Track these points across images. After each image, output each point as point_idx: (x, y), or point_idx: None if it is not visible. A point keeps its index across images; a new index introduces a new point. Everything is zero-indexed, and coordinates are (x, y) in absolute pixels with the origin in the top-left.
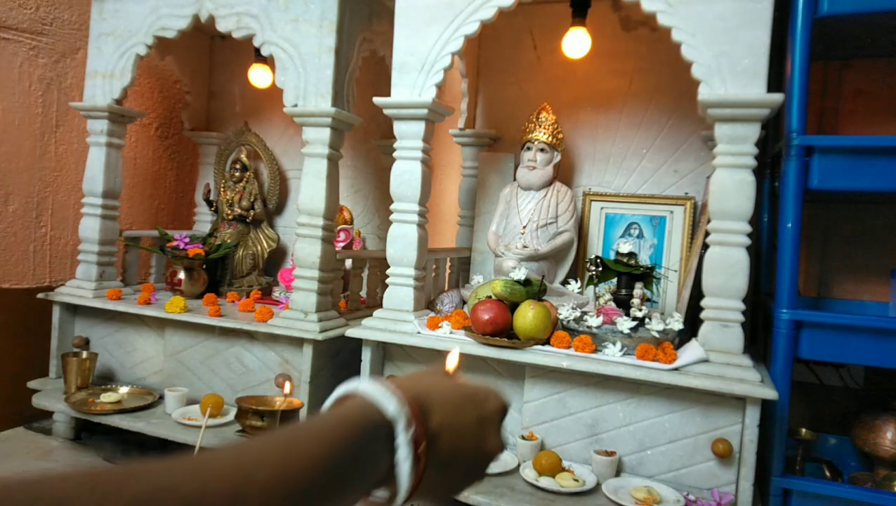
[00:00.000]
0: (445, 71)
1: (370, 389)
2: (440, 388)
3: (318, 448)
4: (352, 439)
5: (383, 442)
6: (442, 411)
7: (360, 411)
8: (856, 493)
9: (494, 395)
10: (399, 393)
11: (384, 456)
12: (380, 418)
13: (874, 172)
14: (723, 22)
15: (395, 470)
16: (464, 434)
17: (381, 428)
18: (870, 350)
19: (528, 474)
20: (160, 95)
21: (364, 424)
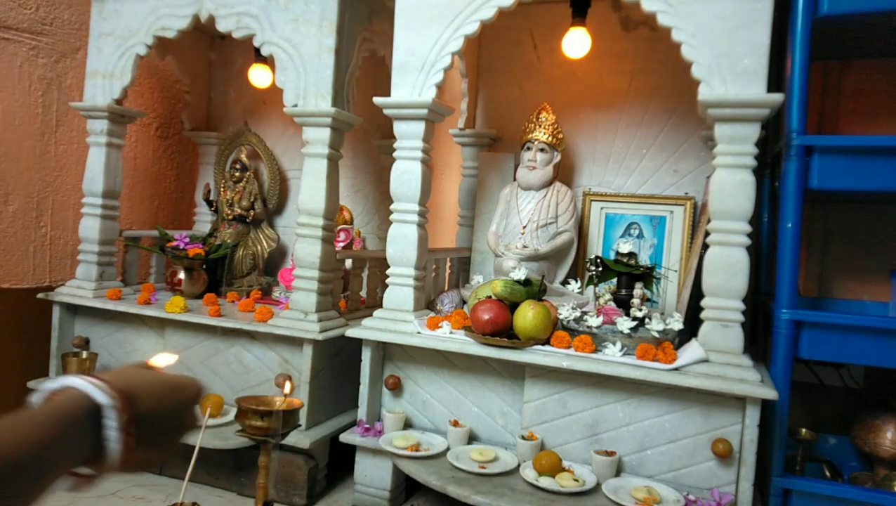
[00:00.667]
0: (445, 71)
1: (81, 383)
2: (145, 379)
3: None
4: (67, 423)
5: (93, 427)
6: (147, 399)
7: (73, 401)
8: (856, 493)
9: (192, 383)
10: (107, 386)
11: (94, 438)
12: (90, 406)
13: (874, 172)
14: (723, 22)
15: (103, 449)
16: (165, 417)
17: (91, 415)
18: (870, 350)
19: (529, 474)
20: (160, 95)
21: (77, 411)
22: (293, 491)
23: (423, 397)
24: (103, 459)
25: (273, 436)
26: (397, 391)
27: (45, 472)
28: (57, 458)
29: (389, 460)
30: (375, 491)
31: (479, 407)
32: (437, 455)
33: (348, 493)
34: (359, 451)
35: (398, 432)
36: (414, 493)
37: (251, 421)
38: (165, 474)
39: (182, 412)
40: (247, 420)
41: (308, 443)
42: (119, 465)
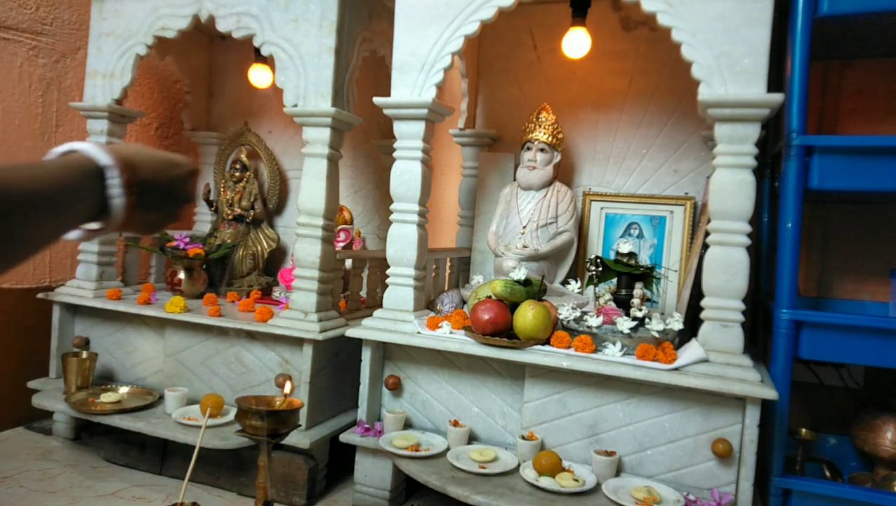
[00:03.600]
0: (445, 71)
1: (87, 147)
2: (145, 153)
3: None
4: (75, 175)
5: (98, 184)
6: (147, 170)
7: (80, 160)
8: (856, 493)
9: (187, 162)
10: (110, 151)
11: (98, 195)
12: (96, 166)
13: (874, 172)
14: (723, 22)
15: (108, 207)
16: (163, 186)
17: (97, 173)
18: (870, 350)
19: (528, 474)
20: (160, 95)
21: (84, 168)
22: (293, 491)
23: (423, 396)
24: (108, 215)
25: (273, 436)
26: (397, 391)
27: (58, 212)
28: (69, 202)
29: (389, 460)
30: (375, 491)
31: (479, 407)
32: (437, 455)
33: (348, 493)
34: (359, 451)
35: (398, 431)
36: (414, 493)
37: (251, 421)
38: (165, 475)
39: (178, 183)
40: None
41: (308, 443)
42: (122, 221)
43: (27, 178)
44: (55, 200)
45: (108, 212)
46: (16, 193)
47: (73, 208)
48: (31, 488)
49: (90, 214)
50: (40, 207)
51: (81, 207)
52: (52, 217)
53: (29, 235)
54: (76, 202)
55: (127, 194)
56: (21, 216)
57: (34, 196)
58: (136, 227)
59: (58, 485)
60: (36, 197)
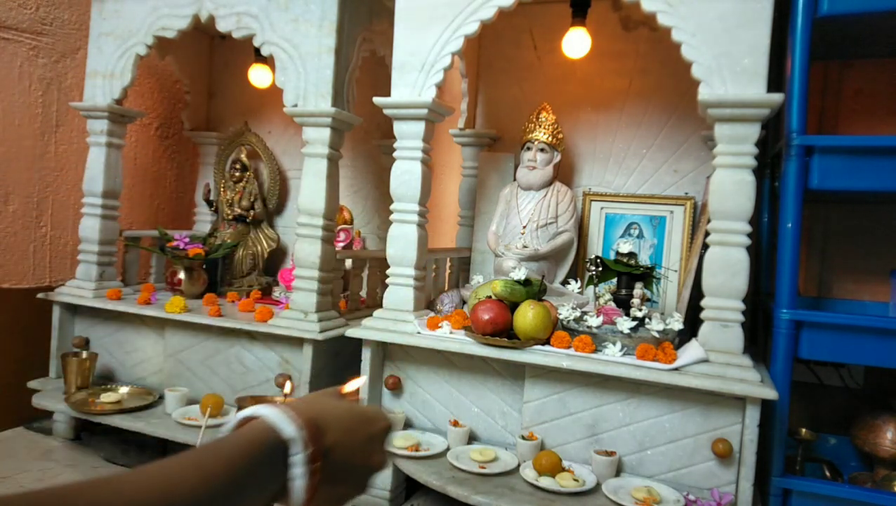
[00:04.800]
0: (445, 71)
1: (270, 413)
2: (334, 409)
3: (226, 468)
4: (253, 459)
5: (281, 461)
6: (335, 431)
7: (260, 434)
8: (856, 493)
9: (382, 416)
10: (296, 417)
11: (281, 474)
12: (278, 440)
13: (874, 172)
14: (723, 22)
15: (290, 485)
16: (354, 451)
17: (279, 449)
18: (870, 350)
19: (528, 474)
20: (160, 95)
21: (263, 446)
22: None
23: (423, 396)
24: (287, 497)
25: None
26: (397, 391)
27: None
28: (244, 496)
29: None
30: (375, 491)
31: (479, 407)
32: (437, 455)
33: None
34: None
35: (398, 431)
36: (414, 493)
37: None
38: None
39: (372, 446)
40: None
41: None
42: (304, 503)
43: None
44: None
45: (287, 493)
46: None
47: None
48: (31, 488)
49: (267, 498)
50: None
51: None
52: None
53: None
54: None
55: (311, 474)
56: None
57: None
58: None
59: None
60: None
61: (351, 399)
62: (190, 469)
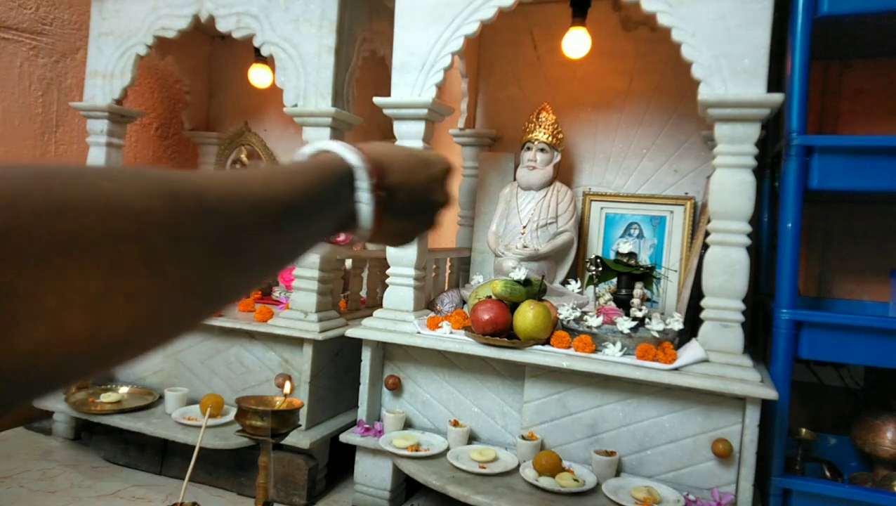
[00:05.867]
0: (445, 71)
1: (338, 147)
2: (396, 152)
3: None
4: (327, 178)
5: (349, 188)
6: (398, 170)
7: (332, 161)
8: (856, 493)
9: (442, 159)
10: (361, 152)
11: (349, 200)
12: (347, 168)
13: (874, 171)
14: (723, 22)
15: (357, 215)
16: (416, 189)
17: (347, 176)
18: (870, 350)
19: (528, 474)
20: (160, 95)
21: (335, 170)
22: (293, 491)
23: (423, 396)
24: (356, 224)
25: (273, 436)
26: (397, 391)
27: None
28: (315, 211)
29: (389, 460)
30: (375, 491)
31: (479, 407)
32: (437, 455)
33: (348, 493)
34: (359, 451)
35: (398, 431)
36: (414, 493)
37: (251, 421)
38: (165, 474)
39: (431, 186)
40: (247, 420)
41: (308, 443)
42: (370, 231)
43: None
44: (298, 209)
45: (355, 221)
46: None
47: (319, 218)
48: (31, 488)
49: (338, 223)
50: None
51: (329, 215)
52: (294, 230)
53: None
54: (324, 211)
55: (377, 200)
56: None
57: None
58: (388, 237)
59: (58, 485)
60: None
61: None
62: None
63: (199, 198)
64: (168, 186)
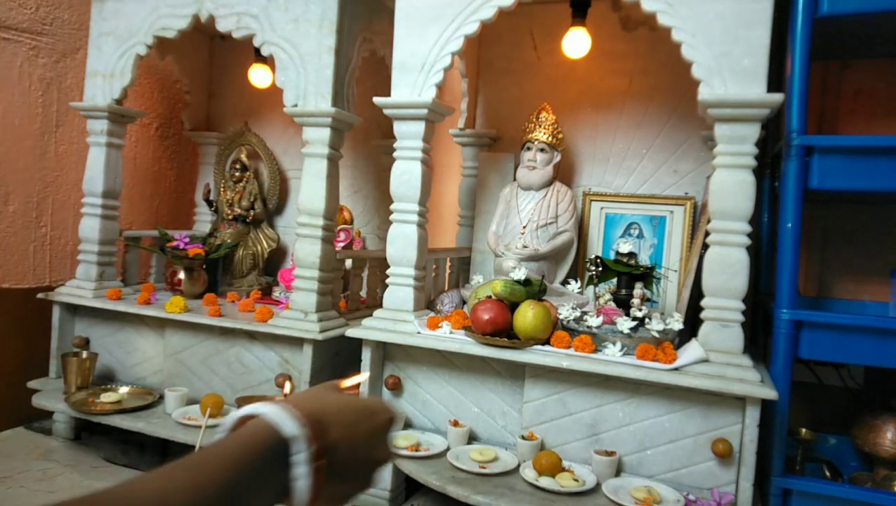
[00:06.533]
0: (445, 71)
1: (270, 411)
2: (335, 403)
3: (225, 471)
4: (255, 460)
5: (283, 462)
6: (338, 426)
7: (261, 434)
8: (856, 493)
9: (385, 408)
10: (297, 413)
11: (283, 474)
12: (279, 439)
13: (874, 172)
14: (723, 22)
15: (293, 486)
16: (358, 446)
17: (280, 449)
18: (870, 350)
19: (528, 474)
20: (160, 95)
21: (265, 446)
22: None
23: (423, 396)
24: (291, 496)
25: None
26: (397, 391)
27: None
28: (246, 499)
29: None
30: (375, 491)
31: (479, 407)
32: (437, 455)
33: None
34: None
35: (398, 431)
36: (414, 493)
37: None
38: None
39: (376, 440)
40: None
41: None
42: (308, 503)
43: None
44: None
45: (291, 492)
46: None
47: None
48: (31, 488)
49: (271, 498)
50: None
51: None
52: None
53: None
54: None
55: (315, 472)
56: None
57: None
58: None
59: (58, 485)
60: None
61: (350, 393)
62: (187, 475)
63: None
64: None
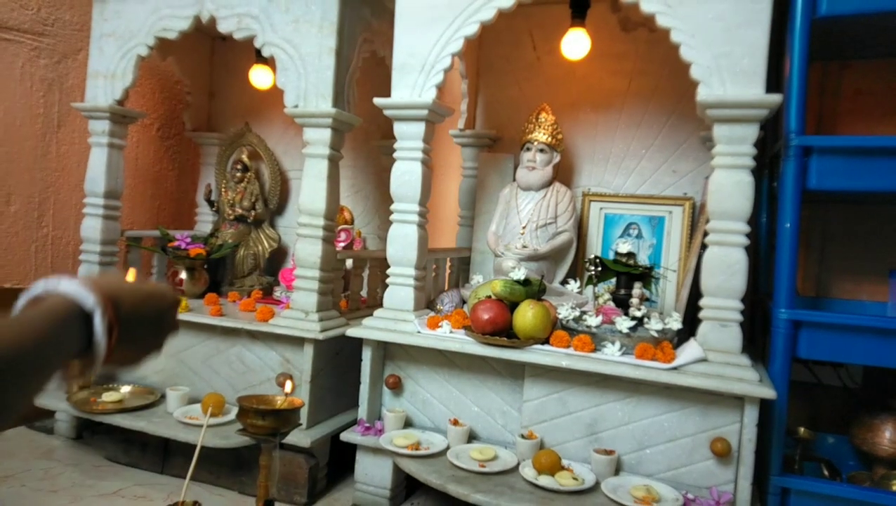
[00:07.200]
0: (445, 72)
1: (70, 287)
2: (127, 286)
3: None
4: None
5: (82, 327)
6: (128, 304)
7: (64, 306)
8: (854, 492)
9: (169, 292)
10: (94, 288)
11: (82, 338)
12: (79, 310)
13: (872, 172)
14: (722, 22)
15: (91, 348)
16: (145, 320)
17: (80, 317)
18: (868, 350)
19: (528, 473)
20: (161, 96)
21: (68, 313)
22: (294, 490)
23: (424, 396)
24: (90, 355)
25: (274, 435)
26: (398, 390)
27: (41, 368)
28: (51, 355)
29: (390, 459)
30: (376, 490)
31: (478, 406)
32: (438, 454)
33: (349, 492)
34: (359, 450)
35: (398, 430)
36: (414, 491)
37: (252, 420)
38: (167, 474)
39: (161, 316)
40: (248, 419)
41: (309, 442)
42: (103, 360)
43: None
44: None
45: (89, 353)
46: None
47: (57, 360)
48: (33, 488)
49: (70, 357)
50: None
51: (65, 355)
52: (38, 375)
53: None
54: (60, 353)
55: (109, 334)
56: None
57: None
58: (118, 362)
59: (60, 484)
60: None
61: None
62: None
63: None
64: None
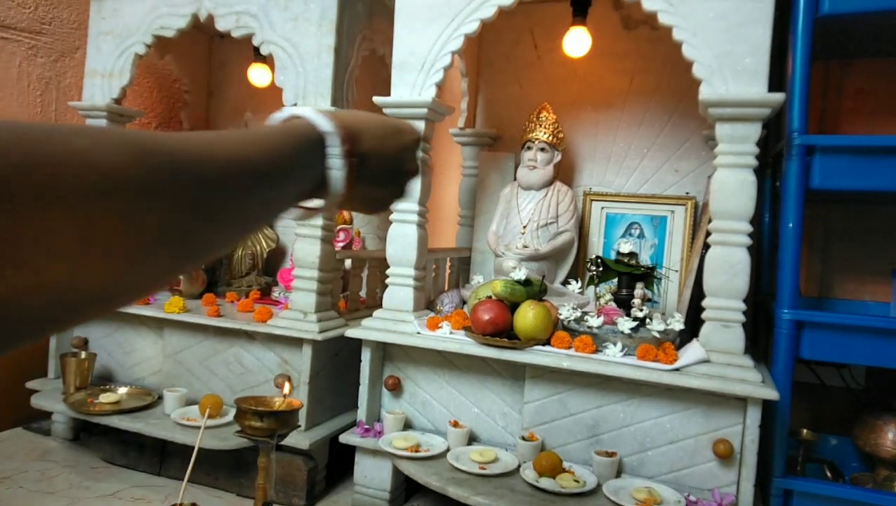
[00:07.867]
0: (445, 70)
1: (310, 113)
2: (369, 119)
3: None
4: (298, 143)
5: (320, 154)
6: (370, 138)
7: (303, 127)
8: (857, 493)
9: (411, 129)
10: (334, 118)
11: (320, 166)
12: (318, 134)
13: (875, 171)
14: (724, 21)
15: (328, 181)
16: (387, 157)
17: (318, 142)
18: (871, 350)
19: (529, 475)
20: (159, 95)
21: (307, 135)
22: (292, 492)
23: (423, 397)
24: (327, 190)
25: (272, 437)
26: (397, 392)
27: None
28: (285, 175)
29: (389, 461)
30: (375, 492)
31: (479, 408)
32: (437, 456)
33: (348, 494)
34: (358, 452)
35: (398, 432)
36: (414, 494)
37: (250, 422)
38: (164, 475)
39: (403, 154)
40: (246, 421)
41: (307, 444)
42: (342, 196)
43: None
44: (268, 172)
45: (326, 187)
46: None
47: (289, 183)
48: (29, 489)
49: (309, 188)
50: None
51: (299, 180)
52: (263, 193)
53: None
54: (293, 175)
55: (349, 166)
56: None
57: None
58: (360, 203)
59: (56, 486)
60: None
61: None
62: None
63: (171, 157)
64: (140, 144)
